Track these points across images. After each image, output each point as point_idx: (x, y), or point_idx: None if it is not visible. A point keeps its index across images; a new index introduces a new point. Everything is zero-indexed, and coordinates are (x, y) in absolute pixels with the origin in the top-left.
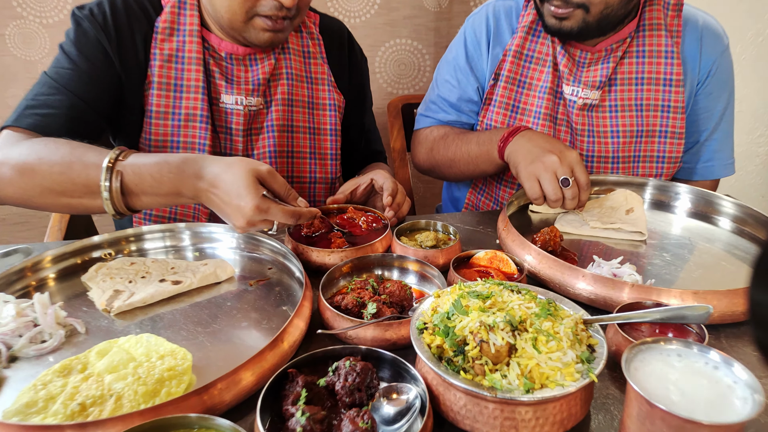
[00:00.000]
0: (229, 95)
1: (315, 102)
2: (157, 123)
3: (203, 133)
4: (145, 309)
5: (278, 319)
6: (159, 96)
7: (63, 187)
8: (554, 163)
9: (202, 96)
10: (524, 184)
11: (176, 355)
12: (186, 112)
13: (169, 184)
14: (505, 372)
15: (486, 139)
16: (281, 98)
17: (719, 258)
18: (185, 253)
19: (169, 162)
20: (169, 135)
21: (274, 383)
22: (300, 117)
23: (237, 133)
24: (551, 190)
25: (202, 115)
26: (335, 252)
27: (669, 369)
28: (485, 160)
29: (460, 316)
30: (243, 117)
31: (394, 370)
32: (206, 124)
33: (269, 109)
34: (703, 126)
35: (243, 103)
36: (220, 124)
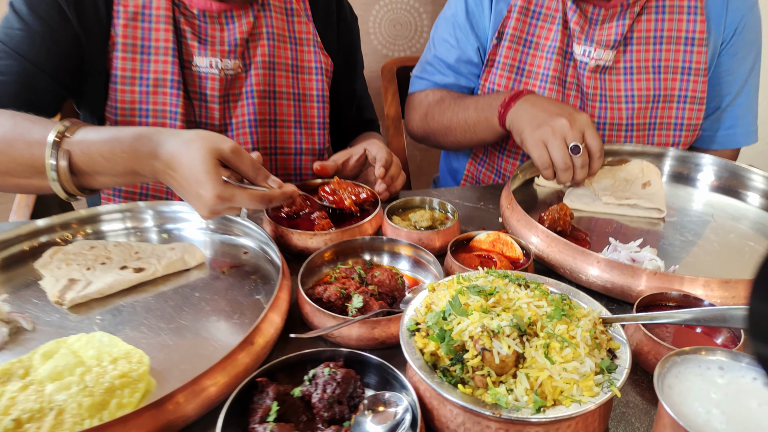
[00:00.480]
0: (203, 57)
1: (300, 65)
2: (123, 89)
3: (174, 99)
4: (104, 301)
5: (252, 312)
6: (124, 59)
7: (6, 167)
8: (563, 128)
9: (172, 58)
10: (531, 152)
11: (131, 357)
12: (155, 77)
13: (123, 164)
14: (512, 385)
15: (485, 105)
16: (261, 61)
17: (747, 238)
18: (150, 235)
19: (120, 139)
20: (136, 102)
21: (241, 394)
22: (283, 82)
23: (212, 100)
24: (560, 158)
25: (172, 79)
26: (319, 235)
27: (710, 387)
28: (484, 128)
29: (459, 317)
30: (219, 82)
31: (381, 376)
32: (177, 89)
33: (248, 72)
34: (726, 90)
35: (218, 66)
36: (194, 89)
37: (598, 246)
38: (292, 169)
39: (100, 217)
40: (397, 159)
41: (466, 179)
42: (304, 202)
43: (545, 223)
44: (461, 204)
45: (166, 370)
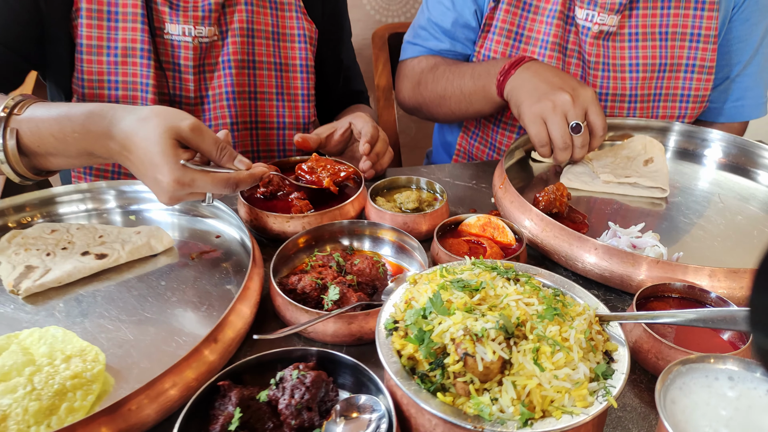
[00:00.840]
0: (175, 24)
1: (281, 32)
2: (90, 59)
3: (145, 70)
4: (63, 290)
5: (222, 303)
6: (89, 26)
7: None
8: (566, 103)
9: (141, 25)
10: (528, 127)
11: (86, 355)
12: (123, 45)
13: (75, 145)
14: (497, 394)
15: (483, 72)
16: (239, 28)
17: (756, 220)
18: (116, 217)
19: (71, 117)
20: (105, 73)
21: (201, 399)
22: (263, 50)
23: (186, 70)
24: (559, 137)
25: (142, 48)
26: (296, 218)
27: (719, 401)
28: (481, 98)
29: (440, 316)
30: (192, 50)
31: (356, 377)
32: (148, 59)
33: (225, 41)
34: (736, 58)
35: (192, 34)
36: (166, 59)
37: (597, 229)
38: (274, 145)
39: (57, 199)
40: (384, 135)
41: (458, 154)
42: (281, 182)
43: (540, 205)
44: (452, 183)
45: (124, 368)
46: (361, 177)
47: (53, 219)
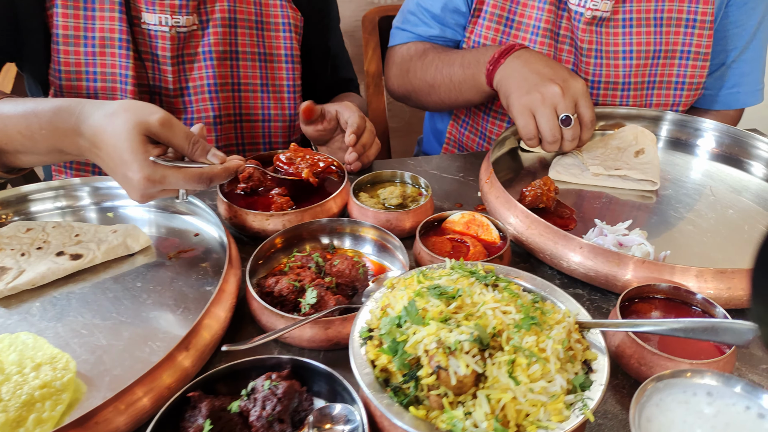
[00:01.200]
0: (151, 14)
1: (265, 21)
2: (67, 50)
3: (124, 61)
4: (37, 291)
5: (199, 306)
6: (65, 16)
7: None
8: (555, 96)
9: (119, 15)
10: (516, 119)
11: (57, 363)
12: (101, 35)
13: (44, 142)
14: (471, 407)
15: (472, 60)
16: (221, 17)
17: (747, 214)
18: (92, 214)
19: (38, 114)
20: (82, 64)
21: (171, 410)
22: (246, 41)
23: (164, 61)
24: (548, 130)
25: (120, 38)
26: (276, 216)
27: (695, 418)
28: (470, 87)
29: (414, 325)
30: (170, 41)
31: (331, 385)
32: (127, 50)
33: (206, 31)
34: (732, 44)
35: (168, 23)
36: (145, 49)
37: (586, 224)
38: (259, 138)
39: (30, 197)
40: (372, 126)
41: (448, 143)
42: (262, 177)
43: (527, 200)
44: (439, 175)
45: (97, 375)
46: (344, 171)
47: (27, 217)
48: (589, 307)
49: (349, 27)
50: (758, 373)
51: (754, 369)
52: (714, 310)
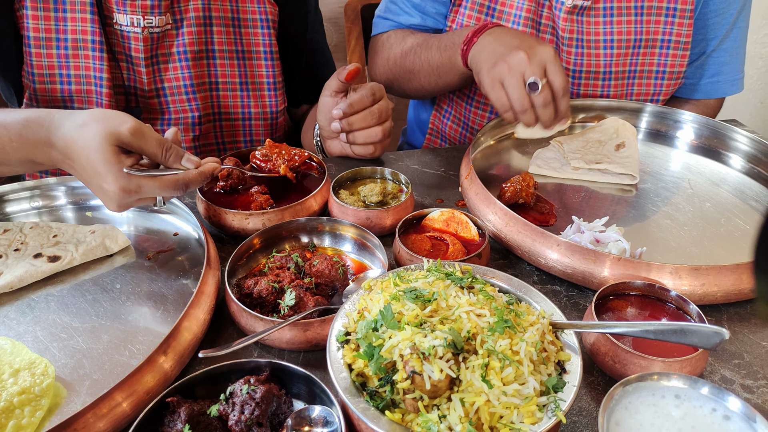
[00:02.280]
0: (123, 14)
1: (241, 18)
2: (39, 53)
3: (98, 63)
4: (14, 294)
5: (179, 307)
6: (36, 18)
7: None
8: (521, 62)
9: (91, 16)
10: (489, 94)
11: (35, 368)
12: (73, 37)
13: (15, 154)
14: (445, 411)
15: (448, 43)
16: (195, 17)
17: (724, 206)
18: (70, 214)
19: (7, 126)
20: (56, 67)
21: (150, 415)
22: (223, 39)
23: (138, 62)
24: (516, 98)
25: (93, 39)
26: (255, 215)
27: (663, 421)
28: (448, 70)
29: (390, 330)
30: (143, 41)
31: (309, 387)
32: (100, 51)
33: (180, 30)
34: (713, 33)
35: (141, 24)
36: (119, 50)
37: (565, 219)
38: (240, 136)
39: (4, 197)
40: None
41: (431, 133)
42: (242, 175)
43: (506, 196)
44: (420, 170)
45: (76, 379)
46: (324, 168)
47: (3, 218)
48: (566, 304)
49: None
50: (730, 368)
51: (726, 364)
52: (687, 306)
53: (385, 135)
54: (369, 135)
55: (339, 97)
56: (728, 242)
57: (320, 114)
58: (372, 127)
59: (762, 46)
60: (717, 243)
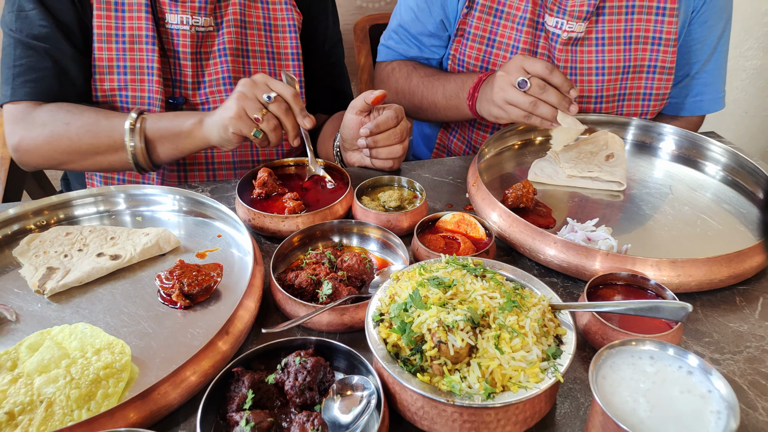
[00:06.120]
0: (174, 14)
1: (272, 24)
2: (101, 46)
3: (150, 55)
4: (82, 288)
5: (228, 297)
6: (99, 17)
7: (95, 147)
8: (504, 78)
9: (146, 15)
10: (508, 117)
11: (114, 348)
12: (131, 33)
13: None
14: (465, 373)
15: (452, 94)
16: (233, 20)
17: (701, 210)
18: (124, 218)
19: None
20: (114, 59)
21: (219, 383)
22: (255, 40)
23: (185, 57)
24: (520, 100)
25: (147, 35)
26: (290, 218)
27: (640, 376)
28: (455, 114)
29: (419, 309)
30: (190, 38)
31: (349, 361)
32: (153, 45)
33: (220, 31)
34: (695, 57)
35: (189, 23)
36: (168, 47)
37: (561, 220)
38: None
39: (72, 202)
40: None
41: (438, 148)
42: (274, 184)
43: (509, 200)
44: (431, 178)
45: (147, 358)
46: (348, 178)
47: (69, 221)
48: (562, 293)
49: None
50: (702, 345)
51: (698, 342)
52: (665, 293)
53: (404, 152)
54: (391, 152)
55: (363, 115)
56: (703, 240)
57: (345, 129)
58: (394, 145)
59: (745, 59)
60: (693, 241)
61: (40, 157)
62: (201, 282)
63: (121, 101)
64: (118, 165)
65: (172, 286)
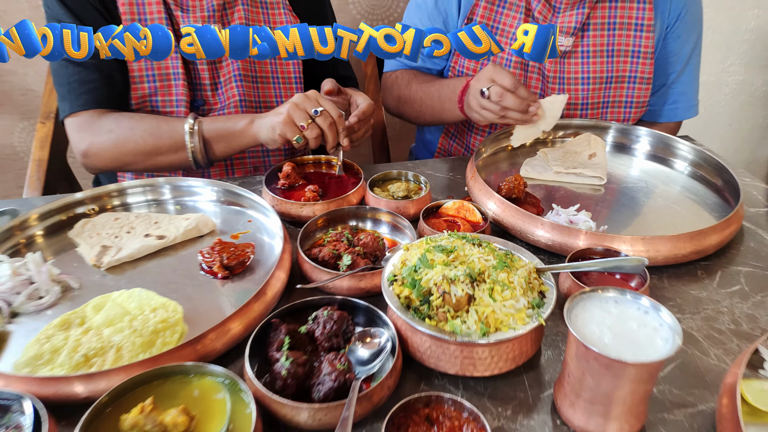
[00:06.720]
0: (187, 25)
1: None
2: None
3: (174, 62)
4: (133, 263)
5: (260, 271)
6: None
7: (155, 148)
8: (474, 85)
9: (166, 26)
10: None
11: (167, 307)
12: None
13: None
14: (465, 318)
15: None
16: (239, 24)
17: (672, 201)
18: (167, 206)
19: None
20: (144, 69)
21: (259, 332)
22: None
23: (201, 62)
24: (490, 105)
25: None
26: (308, 205)
27: (606, 315)
28: (450, 116)
29: (426, 269)
30: None
31: (367, 316)
32: (176, 53)
33: None
34: (671, 69)
35: None
36: None
37: (548, 209)
38: None
39: (126, 191)
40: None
41: (440, 152)
42: (297, 176)
43: (503, 192)
44: (434, 175)
45: (195, 317)
46: (361, 173)
47: (124, 207)
48: None
49: None
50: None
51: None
52: None
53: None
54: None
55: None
56: (671, 225)
57: None
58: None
59: (728, 75)
60: (663, 226)
61: (107, 160)
62: (238, 256)
63: (152, 105)
64: (177, 163)
65: (213, 260)
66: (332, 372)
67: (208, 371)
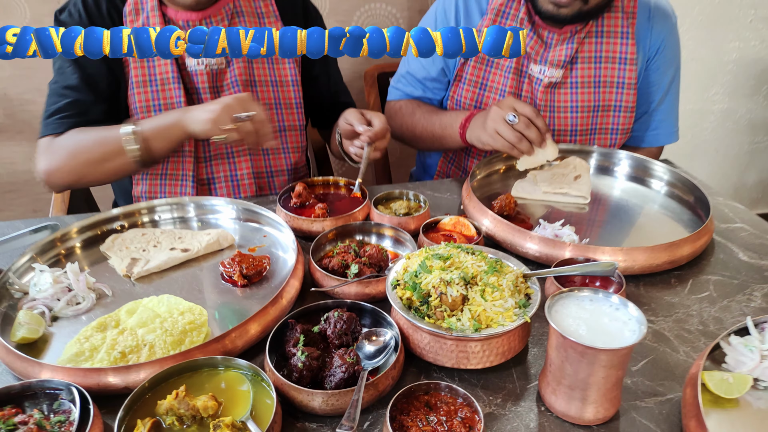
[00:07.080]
0: (191, 59)
1: (273, 58)
2: (139, 91)
3: (178, 93)
4: (160, 274)
5: (275, 279)
6: (135, 68)
7: (103, 155)
8: (498, 113)
9: (171, 61)
10: (495, 145)
11: (194, 311)
12: (161, 78)
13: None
14: (460, 317)
15: (446, 125)
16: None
17: (650, 218)
18: (191, 223)
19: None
20: (150, 100)
21: (277, 331)
22: (261, 72)
23: (204, 92)
24: (509, 134)
25: (174, 77)
26: (317, 220)
27: (582, 311)
28: (450, 142)
29: (425, 274)
30: (207, 75)
31: (373, 318)
32: (179, 85)
33: (231, 67)
34: (652, 98)
35: (204, 64)
36: (191, 86)
37: (536, 225)
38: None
39: (155, 208)
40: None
41: (439, 174)
42: (308, 195)
43: (495, 209)
44: (432, 194)
45: (217, 322)
46: (366, 192)
47: (152, 223)
48: None
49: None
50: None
51: None
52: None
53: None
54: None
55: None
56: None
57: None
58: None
59: (712, 103)
60: (640, 241)
61: (65, 173)
62: (256, 266)
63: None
64: (124, 168)
65: (233, 270)
66: (342, 364)
67: (234, 364)
